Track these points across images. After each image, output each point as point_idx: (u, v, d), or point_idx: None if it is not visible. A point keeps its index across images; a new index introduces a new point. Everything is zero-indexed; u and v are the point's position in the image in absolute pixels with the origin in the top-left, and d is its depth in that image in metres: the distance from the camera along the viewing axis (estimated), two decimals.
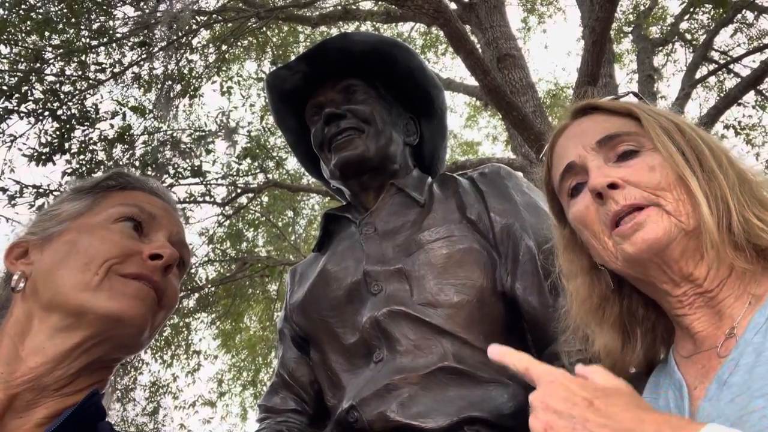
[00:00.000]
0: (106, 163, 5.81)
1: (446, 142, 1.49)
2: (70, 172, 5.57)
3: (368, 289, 1.17)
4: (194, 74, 6.78)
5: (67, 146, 5.60)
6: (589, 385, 0.63)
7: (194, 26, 6.40)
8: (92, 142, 5.81)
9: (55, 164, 5.51)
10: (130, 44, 6.20)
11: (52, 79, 5.74)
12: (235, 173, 7.31)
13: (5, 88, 5.29)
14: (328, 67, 1.33)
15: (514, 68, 5.44)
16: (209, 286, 7.97)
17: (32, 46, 5.70)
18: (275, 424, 1.23)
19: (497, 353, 0.70)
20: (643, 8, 8.59)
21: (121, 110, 6.02)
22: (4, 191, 5.49)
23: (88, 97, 5.96)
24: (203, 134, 6.93)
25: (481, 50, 4.89)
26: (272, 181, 7.57)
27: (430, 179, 1.34)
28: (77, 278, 0.80)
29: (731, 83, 7.77)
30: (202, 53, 7.06)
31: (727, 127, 7.86)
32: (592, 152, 0.84)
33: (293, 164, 8.22)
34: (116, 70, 6.18)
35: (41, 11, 5.60)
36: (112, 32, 5.99)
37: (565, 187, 0.88)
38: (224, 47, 7.03)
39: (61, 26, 5.69)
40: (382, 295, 1.15)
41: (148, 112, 6.43)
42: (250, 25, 6.71)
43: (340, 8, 7.65)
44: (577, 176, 0.86)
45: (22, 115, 5.37)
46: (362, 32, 1.45)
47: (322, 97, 1.34)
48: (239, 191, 7.36)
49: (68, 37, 5.82)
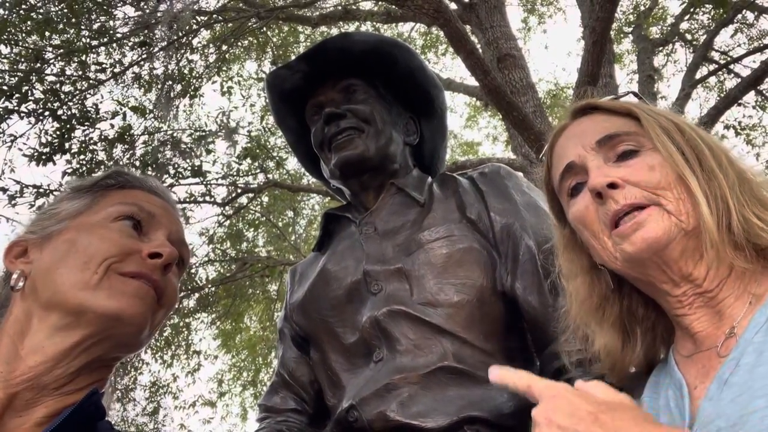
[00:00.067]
0: (106, 163, 5.81)
1: (446, 141, 1.49)
2: (70, 172, 5.57)
3: (368, 288, 1.17)
4: (194, 74, 6.79)
5: (67, 146, 5.61)
6: (592, 399, 0.62)
7: (194, 26, 6.40)
8: (92, 142, 5.81)
9: (55, 164, 5.52)
10: (130, 44, 6.20)
11: (52, 79, 5.74)
12: (235, 173, 7.32)
13: (5, 88, 5.30)
14: (328, 66, 1.33)
15: (514, 68, 5.44)
16: (209, 286, 7.98)
17: (32, 46, 5.71)
18: (275, 423, 1.23)
19: (497, 376, 0.70)
20: (643, 8, 8.58)
21: (121, 110, 6.03)
22: (4, 191, 5.50)
23: (88, 97, 5.97)
24: (203, 134, 6.94)
25: (481, 50, 4.88)
26: (272, 181, 7.58)
27: (430, 179, 1.34)
28: (76, 277, 0.80)
29: (731, 83, 7.77)
30: (202, 53, 7.07)
31: (727, 127, 7.86)
32: (591, 152, 0.84)
33: (293, 164, 8.23)
34: (116, 70, 6.18)
35: (41, 11, 5.60)
36: (112, 32, 6.00)
37: (564, 186, 0.88)
38: (224, 47, 7.03)
39: (61, 26, 5.69)
40: (382, 294, 1.15)
41: (148, 112, 6.43)
42: (250, 25, 6.71)
43: (340, 8, 7.65)
44: (576, 176, 0.86)
45: (22, 115, 5.37)
46: (362, 32, 1.45)
47: (322, 96, 1.34)
48: (239, 191, 7.36)
49: (68, 37, 5.82)
